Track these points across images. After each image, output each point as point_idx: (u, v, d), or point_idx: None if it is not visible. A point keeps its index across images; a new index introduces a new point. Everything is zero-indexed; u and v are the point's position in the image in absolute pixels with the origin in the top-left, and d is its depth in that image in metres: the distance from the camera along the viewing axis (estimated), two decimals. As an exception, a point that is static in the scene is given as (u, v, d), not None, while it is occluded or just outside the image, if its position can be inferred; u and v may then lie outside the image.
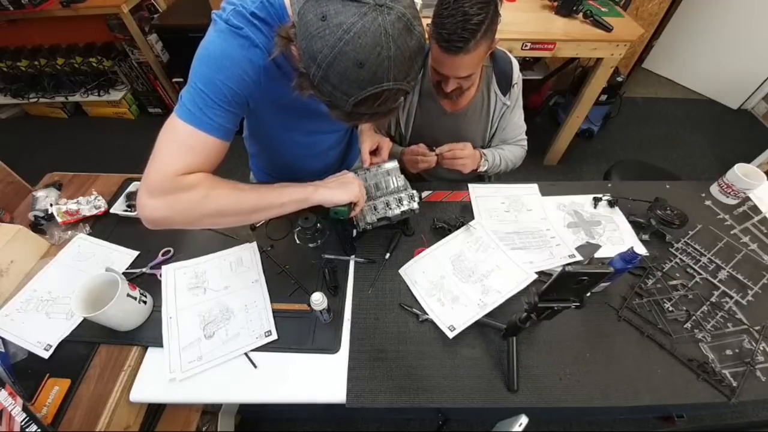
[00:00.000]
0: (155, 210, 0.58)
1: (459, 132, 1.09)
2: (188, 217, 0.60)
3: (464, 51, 0.78)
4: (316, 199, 0.70)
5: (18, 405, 0.67)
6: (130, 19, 2.17)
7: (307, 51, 0.48)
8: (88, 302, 0.75)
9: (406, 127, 1.10)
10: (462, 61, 0.81)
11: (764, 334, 0.79)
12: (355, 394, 0.73)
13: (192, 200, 0.59)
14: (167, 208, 0.58)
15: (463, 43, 0.77)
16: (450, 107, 1.05)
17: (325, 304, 0.76)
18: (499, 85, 1.03)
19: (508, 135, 1.13)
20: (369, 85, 0.49)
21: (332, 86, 0.50)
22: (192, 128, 0.57)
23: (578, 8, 1.71)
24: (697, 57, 2.83)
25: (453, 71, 0.86)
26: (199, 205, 0.60)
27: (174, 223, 0.60)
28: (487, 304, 0.82)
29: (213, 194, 0.61)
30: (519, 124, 1.13)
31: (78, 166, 1.21)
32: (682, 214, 0.96)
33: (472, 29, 0.75)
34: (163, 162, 0.58)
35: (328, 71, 0.48)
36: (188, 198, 0.59)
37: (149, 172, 0.58)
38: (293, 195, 0.69)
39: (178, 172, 0.58)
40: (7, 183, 1.10)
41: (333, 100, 0.52)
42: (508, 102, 1.05)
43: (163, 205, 0.58)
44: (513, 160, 1.13)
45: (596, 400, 0.73)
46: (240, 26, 0.56)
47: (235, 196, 0.63)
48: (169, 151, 0.58)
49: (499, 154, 1.10)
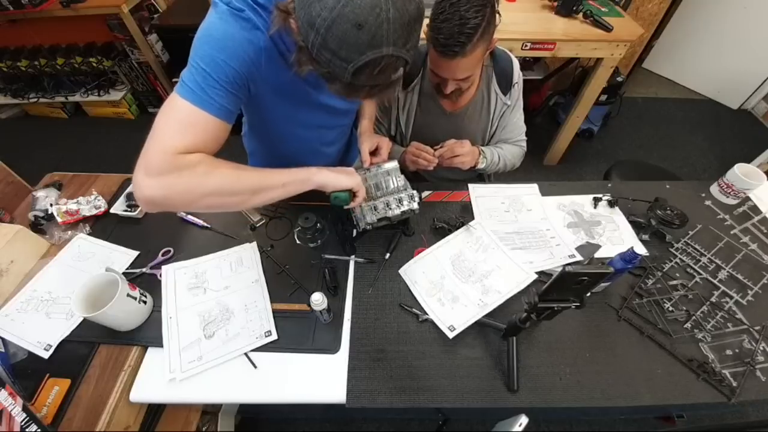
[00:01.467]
0: (153, 189, 0.55)
1: (459, 131, 1.09)
2: (188, 196, 0.58)
3: (461, 55, 0.79)
4: (317, 180, 0.69)
5: (18, 405, 0.67)
6: (130, 19, 2.17)
7: (305, 18, 0.48)
8: (88, 302, 0.75)
9: (406, 127, 1.11)
10: (459, 64, 0.82)
11: (764, 334, 0.79)
12: (355, 394, 0.73)
13: (192, 179, 0.56)
14: (166, 188, 0.55)
15: (460, 47, 0.77)
16: (450, 107, 1.06)
17: (325, 304, 0.76)
18: (499, 84, 1.03)
19: (508, 135, 1.13)
20: (368, 50, 0.48)
21: (331, 53, 0.49)
22: (193, 106, 0.56)
23: (578, 8, 1.71)
24: (697, 57, 2.83)
25: (451, 74, 0.87)
26: (199, 185, 0.57)
27: (173, 203, 0.58)
28: (487, 304, 0.82)
29: (214, 173, 0.58)
30: (519, 124, 1.13)
31: (78, 166, 1.21)
32: (682, 214, 0.96)
33: (469, 33, 0.76)
34: (162, 140, 0.56)
35: (326, 36, 0.47)
36: (188, 177, 0.56)
37: (147, 150, 0.55)
38: (296, 175, 0.68)
39: (177, 151, 0.55)
40: (7, 183, 1.10)
41: (332, 70, 0.51)
42: (508, 102, 1.05)
43: (161, 185, 0.55)
44: (512, 160, 1.13)
45: (596, 400, 0.73)
46: (241, 8, 0.57)
47: (236, 174, 0.61)
48: (169, 129, 0.57)
49: (497, 152, 1.10)
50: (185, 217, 1.01)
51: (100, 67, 2.50)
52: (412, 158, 1.02)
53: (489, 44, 0.83)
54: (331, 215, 1.00)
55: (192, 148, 0.57)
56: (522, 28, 1.66)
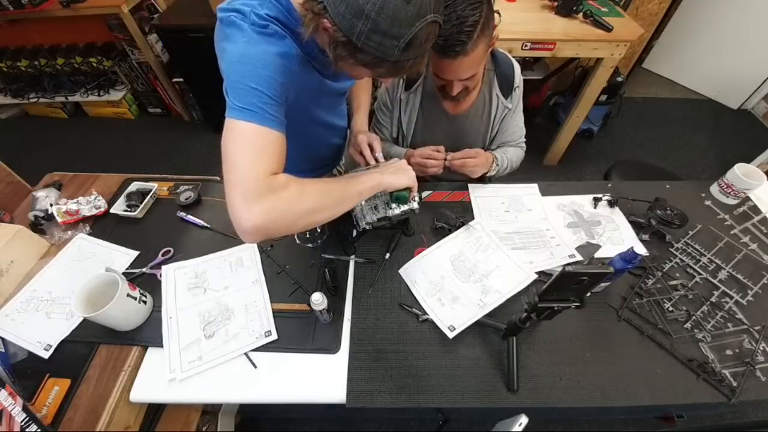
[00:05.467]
0: (257, 215, 0.52)
1: (460, 134, 1.09)
2: (289, 217, 0.56)
3: (463, 54, 0.78)
4: (385, 184, 0.72)
5: (18, 405, 0.67)
6: (130, 19, 2.16)
7: (350, 10, 0.50)
8: (88, 302, 0.75)
9: (407, 129, 1.10)
10: (462, 63, 0.81)
11: (764, 334, 0.79)
12: (355, 394, 0.73)
13: (290, 199, 0.56)
14: (269, 211, 0.53)
15: (461, 46, 0.77)
16: (453, 110, 1.05)
17: (325, 304, 0.76)
18: (501, 88, 1.03)
19: (509, 137, 1.13)
20: (416, 20, 0.51)
21: (381, 34, 0.51)
22: (261, 127, 0.55)
23: (578, 8, 1.71)
24: (697, 57, 2.83)
25: (455, 74, 0.85)
26: (297, 203, 0.57)
27: (276, 227, 0.56)
28: (487, 304, 0.82)
29: (305, 190, 0.58)
30: (520, 126, 1.13)
31: (78, 166, 1.21)
32: (682, 214, 0.96)
33: (468, 31, 0.75)
34: (248, 166, 0.54)
35: (377, 19, 0.50)
36: (286, 197, 0.55)
37: (238, 180, 0.53)
38: (368, 182, 0.69)
39: (267, 173, 0.54)
40: (7, 183, 1.10)
41: (381, 52, 0.53)
42: (509, 105, 1.05)
43: (264, 209, 0.53)
44: (516, 162, 1.14)
45: (596, 400, 0.73)
46: (265, 24, 0.58)
47: (323, 189, 0.62)
48: (248, 154, 0.54)
49: (506, 157, 1.10)
50: (185, 217, 1.01)
51: (100, 67, 2.50)
52: (420, 164, 0.99)
53: (490, 41, 0.83)
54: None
55: (274, 168, 0.56)
56: (522, 28, 1.66)
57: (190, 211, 1.03)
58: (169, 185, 1.10)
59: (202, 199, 1.07)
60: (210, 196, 1.08)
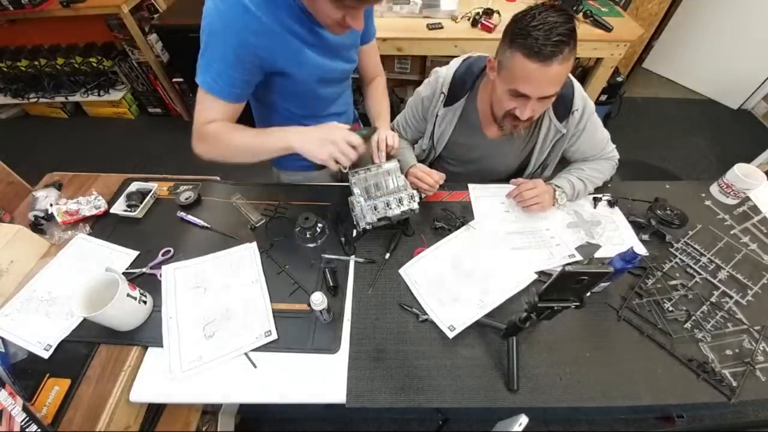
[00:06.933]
0: (197, 148, 0.82)
1: (493, 156, 1.07)
2: (215, 153, 0.82)
3: (559, 59, 0.73)
4: (296, 149, 0.79)
5: (18, 405, 0.67)
6: (130, 19, 2.17)
7: None
8: (88, 302, 0.75)
9: (439, 143, 1.09)
10: (553, 72, 0.75)
11: (764, 334, 0.79)
12: (355, 394, 0.73)
13: (212, 142, 0.81)
14: (201, 147, 0.82)
15: (558, 47, 0.72)
16: (493, 134, 1.01)
17: (325, 304, 0.76)
18: (555, 110, 0.95)
19: (587, 154, 1.07)
20: None
21: None
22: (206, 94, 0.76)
23: (578, 8, 1.71)
24: (697, 57, 2.83)
25: (540, 87, 0.78)
26: (216, 147, 0.81)
27: (210, 157, 0.82)
28: (487, 304, 0.82)
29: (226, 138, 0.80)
30: (598, 138, 1.04)
31: (78, 166, 1.21)
32: (682, 214, 0.96)
33: (566, 33, 0.72)
34: (195, 118, 0.80)
35: None
36: (211, 140, 0.80)
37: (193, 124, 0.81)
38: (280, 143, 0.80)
39: (203, 123, 0.79)
40: (7, 183, 1.10)
41: None
42: (563, 130, 0.97)
43: (200, 145, 0.82)
44: (601, 176, 1.05)
45: (596, 400, 0.73)
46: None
47: (242, 140, 0.81)
48: (197, 110, 0.80)
49: (577, 176, 1.03)
50: (185, 217, 1.01)
51: (100, 67, 2.50)
52: (417, 180, 0.98)
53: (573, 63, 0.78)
54: (331, 215, 1.00)
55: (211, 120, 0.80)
56: (522, 28, 1.66)
57: (190, 211, 1.03)
58: (169, 185, 1.10)
59: (202, 199, 1.07)
60: (210, 196, 1.08)
